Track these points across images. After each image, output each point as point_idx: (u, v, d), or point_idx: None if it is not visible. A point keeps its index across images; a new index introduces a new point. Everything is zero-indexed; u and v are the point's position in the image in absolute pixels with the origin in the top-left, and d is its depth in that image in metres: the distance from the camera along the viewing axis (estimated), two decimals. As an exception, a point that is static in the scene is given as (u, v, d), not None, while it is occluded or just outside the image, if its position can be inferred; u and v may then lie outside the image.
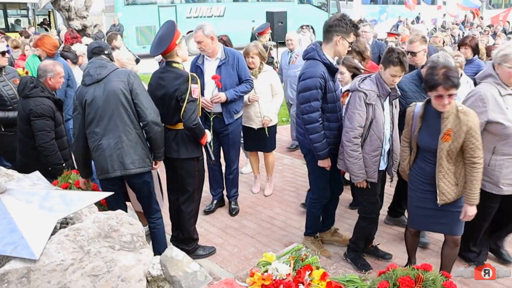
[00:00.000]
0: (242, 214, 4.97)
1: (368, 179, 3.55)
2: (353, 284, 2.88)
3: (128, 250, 1.80)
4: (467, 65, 5.34)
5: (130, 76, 3.27)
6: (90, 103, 3.23)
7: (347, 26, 3.51)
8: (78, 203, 1.99)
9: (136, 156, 3.29)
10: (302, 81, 3.58)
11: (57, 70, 4.11)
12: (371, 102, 3.40)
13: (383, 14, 24.82)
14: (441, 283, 2.40)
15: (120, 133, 3.23)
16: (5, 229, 1.73)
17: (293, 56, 6.58)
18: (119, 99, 3.20)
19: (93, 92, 3.22)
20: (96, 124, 3.24)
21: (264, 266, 2.97)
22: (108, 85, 3.20)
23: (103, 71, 3.24)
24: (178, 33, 3.42)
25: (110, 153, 3.23)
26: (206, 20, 20.29)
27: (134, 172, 3.30)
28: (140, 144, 3.31)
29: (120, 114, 3.21)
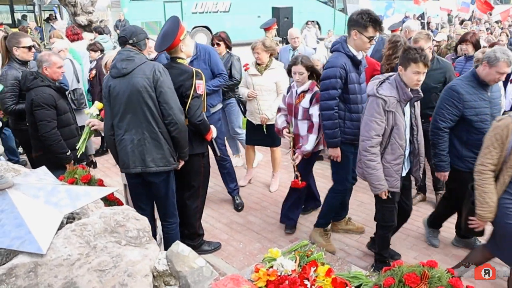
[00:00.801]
0: (248, 210, 4.98)
1: (390, 189, 3.37)
2: (358, 281, 2.88)
3: (135, 245, 1.81)
4: (468, 62, 5.32)
5: (156, 72, 3.15)
6: (115, 97, 3.20)
7: (364, 20, 3.55)
8: (85, 198, 1.99)
9: (158, 154, 3.24)
10: (324, 70, 3.76)
11: (52, 60, 4.11)
12: (391, 109, 3.20)
13: (390, 9, 24.64)
14: (447, 280, 2.39)
15: (143, 130, 3.19)
16: (12, 224, 1.73)
17: (295, 54, 6.41)
18: (142, 96, 3.13)
19: (118, 86, 3.17)
20: (120, 118, 3.22)
21: (270, 262, 2.97)
22: (132, 81, 3.13)
23: (129, 65, 3.14)
24: (183, 28, 3.41)
25: (132, 149, 3.22)
26: (211, 15, 20.33)
27: (154, 171, 3.26)
28: (163, 142, 3.25)
29: (143, 112, 3.16)
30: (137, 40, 3.23)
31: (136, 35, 3.23)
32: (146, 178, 3.35)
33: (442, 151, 3.75)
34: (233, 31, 20.78)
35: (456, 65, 5.54)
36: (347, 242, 4.31)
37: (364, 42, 3.62)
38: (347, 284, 2.76)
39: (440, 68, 4.40)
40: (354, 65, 3.70)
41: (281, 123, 4.34)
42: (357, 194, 5.00)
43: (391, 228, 3.66)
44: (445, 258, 3.96)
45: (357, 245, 4.25)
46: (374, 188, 3.36)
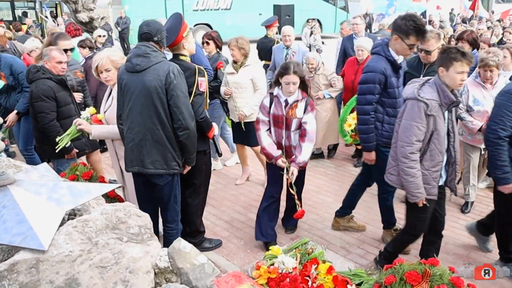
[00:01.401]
0: (249, 208, 4.98)
1: (428, 197, 3.23)
2: (359, 278, 2.88)
3: (136, 242, 1.81)
4: None
5: (170, 75, 3.04)
6: (125, 92, 3.15)
7: (407, 27, 3.43)
8: (86, 195, 1.99)
9: (158, 157, 3.17)
10: (363, 74, 3.70)
11: (52, 54, 4.22)
12: (433, 113, 3.05)
13: (391, 8, 24.52)
14: (448, 278, 2.39)
15: (146, 131, 3.12)
16: (14, 220, 1.74)
17: (289, 53, 6.33)
18: (151, 97, 3.05)
19: (130, 82, 3.11)
20: (127, 115, 3.16)
21: (271, 259, 2.98)
22: (144, 80, 3.05)
23: (143, 62, 3.06)
24: (185, 25, 3.40)
25: (131, 148, 3.17)
26: (213, 13, 20.31)
27: (152, 173, 3.20)
28: (166, 146, 3.17)
29: (149, 113, 3.08)
30: (160, 38, 3.18)
31: (160, 32, 3.18)
32: (149, 179, 3.30)
33: (504, 161, 3.41)
34: (234, 28, 20.78)
35: None
36: (348, 240, 4.31)
37: (404, 49, 3.54)
38: (348, 282, 2.76)
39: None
40: (394, 70, 3.64)
41: (270, 146, 3.91)
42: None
43: (418, 237, 3.56)
44: (446, 256, 3.95)
45: (358, 243, 4.24)
46: (412, 197, 3.22)
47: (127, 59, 3.21)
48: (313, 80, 5.75)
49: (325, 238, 4.32)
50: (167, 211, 3.47)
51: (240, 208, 4.98)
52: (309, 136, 3.84)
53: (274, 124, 3.91)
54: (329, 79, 5.84)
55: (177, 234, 3.53)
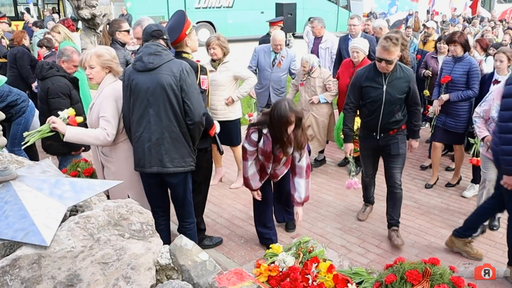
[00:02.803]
0: (249, 206, 4.97)
1: None
2: (359, 277, 2.89)
3: (138, 239, 1.81)
4: (457, 63, 5.02)
5: (184, 72, 3.06)
6: (138, 93, 3.08)
7: None
8: (88, 191, 1.99)
9: (176, 155, 3.16)
10: (506, 86, 3.30)
11: (73, 57, 4.40)
12: None
13: (393, 7, 24.56)
14: (449, 278, 2.39)
15: (163, 129, 3.09)
16: (16, 215, 1.74)
17: (278, 58, 5.96)
18: (167, 94, 3.03)
19: (143, 81, 3.06)
20: (141, 115, 3.09)
21: (271, 257, 2.98)
22: (158, 78, 3.02)
23: (156, 60, 3.04)
24: (189, 23, 3.41)
25: (149, 148, 3.12)
26: (215, 11, 20.29)
27: (171, 171, 3.18)
28: (182, 142, 3.17)
29: (166, 110, 3.06)
30: (167, 38, 3.25)
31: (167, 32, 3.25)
32: (164, 178, 3.27)
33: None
34: (236, 26, 20.79)
35: (444, 67, 5.24)
36: (349, 238, 4.31)
37: None
38: (348, 281, 2.77)
39: (404, 77, 3.93)
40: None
41: (253, 177, 3.78)
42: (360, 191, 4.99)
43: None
44: (446, 256, 3.96)
45: (358, 241, 4.25)
46: None
47: (137, 58, 3.15)
48: (308, 83, 5.61)
49: (325, 237, 4.33)
50: (184, 206, 3.44)
51: (240, 206, 4.99)
52: (303, 172, 3.69)
53: (261, 154, 3.70)
54: (325, 83, 5.59)
55: (194, 227, 3.56)
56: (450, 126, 5.15)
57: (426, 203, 5.05)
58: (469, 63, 5.00)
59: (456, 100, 5.03)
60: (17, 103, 4.98)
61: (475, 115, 4.16)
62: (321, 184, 5.56)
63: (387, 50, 3.71)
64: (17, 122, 5.00)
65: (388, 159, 4.16)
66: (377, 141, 4.10)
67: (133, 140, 3.19)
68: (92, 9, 12.43)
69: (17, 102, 4.98)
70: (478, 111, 4.13)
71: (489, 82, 4.88)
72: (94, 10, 12.48)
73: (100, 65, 3.17)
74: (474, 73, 4.95)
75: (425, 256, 3.77)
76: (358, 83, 4.02)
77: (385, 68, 3.82)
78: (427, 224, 4.56)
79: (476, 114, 4.16)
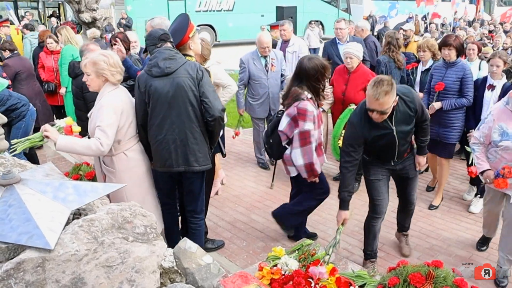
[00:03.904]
0: (251, 209, 4.99)
1: None
2: (362, 280, 2.88)
3: (142, 242, 1.81)
4: (450, 69, 4.68)
5: (199, 72, 3.17)
6: (157, 98, 3.14)
7: None
8: (92, 194, 1.99)
9: (200, 154, 3.29)
10: None
11: (90, 48, 4.49)
12: None
13: (393, 10, 24.64)
14: (452, 280, 2.39)
15: (186, 130, 3.19)
16: (20, 219, 1.74)
17: (269, 61, 5.57)
18: (187, 96, 3.14)
19: (162, 86, 3.13)
20: (163, 118, 3.17)
21: (273, 260, 2.98)
22: (177, 81, 3.12)
23: (172, 65, 3.12)
24: (192, 26, 3.42)
25: (175, 149, 3.22)
26: (215, 14, 20.33)
27: (197, 170, 3.31)
28: (204, 141, 3.30)
29: (187, 111, 3.16)
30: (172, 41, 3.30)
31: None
32: (185, 175, 3.39)
33: None
34: (237, 30, 20.84)
35: (434, 73, 4.87)
36: (351, 241, 4.31)
37: None
38: (351, 284, 2.77)
39: (408, 109, 3.46)
40: None
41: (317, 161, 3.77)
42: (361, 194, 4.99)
43: None
44: (448, 258, 3.96)
45: (360, 245, 4.23)
46: None
47: (152, 64, 3.17)
48: None
49: (327, 240, 4.32)
50: (197, 202, 3.54)
51: (242, 209, 4.99)
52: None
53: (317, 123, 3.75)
54: None
55: (203, 223, 3.70)
56: (442, 136, 4.80)
57: (427, 205, 5.03)
58: (462, 69, 4.66)
59: (449, 108, 4.67)
60: (17, 107, 4.98)
61: (474, 142, 3.61)
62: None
63: (378, 100, 3.05)
64: (17, 126, 5.00)
65: (405, 182, 3.77)
66: (393, 166, 3.62)
67: (154, 143, 3.26)
68: (93, 12, 12.50)
69: (17, 106, 4.98)
70: (477, 136, 3.56)
71: (482, 87, 4.66)
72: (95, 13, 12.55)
73: (95, 72, 3.10)
74: (468, 79, 4.62)
75: (427, 259, 3.77)
76: (359, 136, 3.36)
77: (379, 119, 3.20)
78: (429, 227, 4.56)
79: (474, 140, 3.59)
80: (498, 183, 3.35)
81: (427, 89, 4.95)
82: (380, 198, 3.63)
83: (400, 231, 4.18)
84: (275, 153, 3.90)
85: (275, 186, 5.50)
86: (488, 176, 3.43)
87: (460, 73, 4.63)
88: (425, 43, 5.51)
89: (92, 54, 3.19)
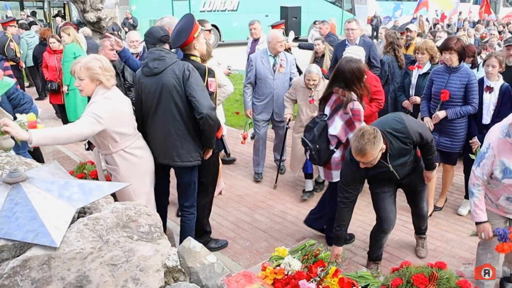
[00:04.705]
0: (254, 209, 5.00)
1: None
2: (365, 281, 2.90)
3: (146, 241, 1.82)
4: (452, 74, 4.38)
5: (185, 72, 3.27)
6: (147, 94, 3.39)
7: None
8: (97, 193, 2.00)
9: (182, 150, 3.41)
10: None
11: (104, 43, 4.85)
12: None
13: (398, 11, 24.62)
14: (456, 282, 2.39)
15: (170, 126, 3.35)
16: (26, 217, 1.75)
17: (277, 61, 5.35)
18: (171, 95, 3.28)
19: (150, 85, 3.35)
20: (152, 115, 3.40)
21: (277, 260, 2.99)
22: (163, 81, 3.28)
23: (160, 65, 3.29)
24: (197, 26, 3.44)
25: (160, 143, 3.41)
26: (219, 14, 20.36)
27: (179, 165, 3.47)
28: (188, 138, 3.41)
29: (171, 109, 3.31)
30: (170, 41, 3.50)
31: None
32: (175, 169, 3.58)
33: None
34: (241, 30, 20.83)
35: (435, 78, 4.53)
36: (354, 242, 4.31)
37: None
38: (354, 284, 2.78)
39: (403, 144, 3.29)
40: None
41: None
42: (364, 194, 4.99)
43: None
44: (451, 260, 3.95)
45: (363, 245, 4.24)
46: None
47: (144, 64, 3.39)
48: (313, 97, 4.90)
49: (330, 240, 4.33)
50: (187, 196, 3.66)
51: (245, 209, 5.00)
52: None
53: None
54: None
55: (194, 218, 3.75)
56: (445, 146, 4.52)
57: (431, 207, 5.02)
58: (467, 75, 4.36)
59: (454, 117, 4.39)
60: (20, 103, 5.00)
61: (474, 182, 3.07)
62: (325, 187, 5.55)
63: (361, 153, 2.97)
64: None
65: (413, 194, 3.71)
66: (399, 180, 3.49)
67: (147, 135, 3.47)
68: (98, 12, 12.53)
69: (20, 103, 5.01)
70: (478, 174, 3.04)
71: (480, 89, 4.40)
72: (100, 13, 12.58)
73: (89, 77, 3.03)
74: (473, 85, 4.32)
75: (430, 260, 3.78)
76: (356, 176, 3.30)
77: (368, 165, 3.11)
78: (433, 228, 4.54)
79: (475, 181, 3.07)
80: (502, 248, 2.87)
81: (426, 94, 4.66)
82: (387, 211, 3.53)
83: (418, 233, 4.11)
84: (323, 158, 3.78)
85: (279, 186, 5.50)
86: (485, 230, 2.99)
87: (464, 79, 4.34)
88: (423, 44, 5.11)
89: (84, 59, 3.11)
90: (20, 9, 20.67)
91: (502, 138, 2.90)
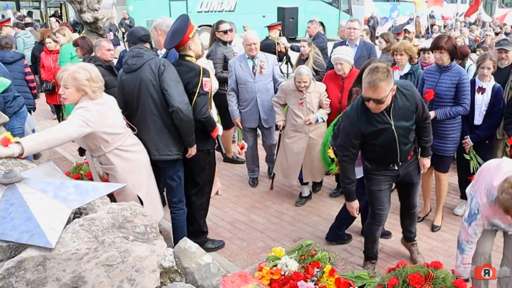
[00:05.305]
0: (251, 209, 5.00)
1: None
2: (361, 281, 2.90)
3: (142, 241, 1.82)
4: (443, 74, 4.23)
5: (161, 67, 3.37)
6: (128, 91, 3.49)
7: None
8: (93, 194, 2.00)
9: (160, 144, 3.48)
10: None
11: (101, 44, 4.90)
12: None
13: (395, 11, 24.65)
14: (451, 281, 2.40)
15: (148, 120, 3.45)
16: (22, 218, 1.75)
17: (257, 63, 5.11)
18: (148, 89, 3.38)
19: (129, 81, 3.46)
20: (135, 112, 3.49)
21: (273, 260, 2.99)
22: (141, 76, 3.39)
23: (138, 61, 3.40)
24: (192, 27, 3.45)
25: (141, 136, 3.46)
26: (217, 14, 20.34)
27: (157, 159, 3.50)
28: (166, 132, 3.47)
29: (149, 104, 3.41)
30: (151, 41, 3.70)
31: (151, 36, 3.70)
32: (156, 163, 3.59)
33: None
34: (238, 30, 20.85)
35: (426, 77, 4.40)
36: (351, 242, 4.31)
37: None
38: (350, 284, 2.78)
39: (408, 103, 3.31)
40: None
41: None
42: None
43: None
44: (448, 259, 3.96)
45: (360, 245, 4.24)
46: None
47: (124, 61, 3.52)
48: (304, 100, 4.70)
49: (327, 240, 4.33)
50: (173, 191, 3.70)
51: (242, 209, 5.00)
52: None
53: None
54: (321, 98, 4.74)
55: (184, 214, 3.78)
56: (437, 148, 4.30)
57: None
58: (458, 73, 4.19)
59: (443, 118, 4.24)
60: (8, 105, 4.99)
61: (468, 239, 3.00)
62: (323, 187, 5.56)
63: (373, 87, 2.95)
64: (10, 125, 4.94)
65: (407, 187, 3.69)
66: (397, 171, 3.47)
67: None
68: (95, 12, 12.50)
69: (9, 99, 5.00)
70: (471, 233, 2.98)
71: (472, 90, 4.30)
72: (97, 13, 12.55)
73: (75, 87, 2.94)
74: (464, 85, 4.16)
75: (426, 260, 3.78)
76: (355, 130, 3.27)
77: (376, 109, 3.10)
78: (429, 228, 4.56)
79: (469, 238, 3.00)
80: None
81: None
82: (382, 207, 3.56)
83: (408, 240, 4.00)
84: None
85: (275, 187, 5.51)
86: None
87: (455, 78, 4.18)
88: (401, 45, 4.91)
89: (72, 67, 3.01)
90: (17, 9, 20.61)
91: (489, 202, 2.81)
